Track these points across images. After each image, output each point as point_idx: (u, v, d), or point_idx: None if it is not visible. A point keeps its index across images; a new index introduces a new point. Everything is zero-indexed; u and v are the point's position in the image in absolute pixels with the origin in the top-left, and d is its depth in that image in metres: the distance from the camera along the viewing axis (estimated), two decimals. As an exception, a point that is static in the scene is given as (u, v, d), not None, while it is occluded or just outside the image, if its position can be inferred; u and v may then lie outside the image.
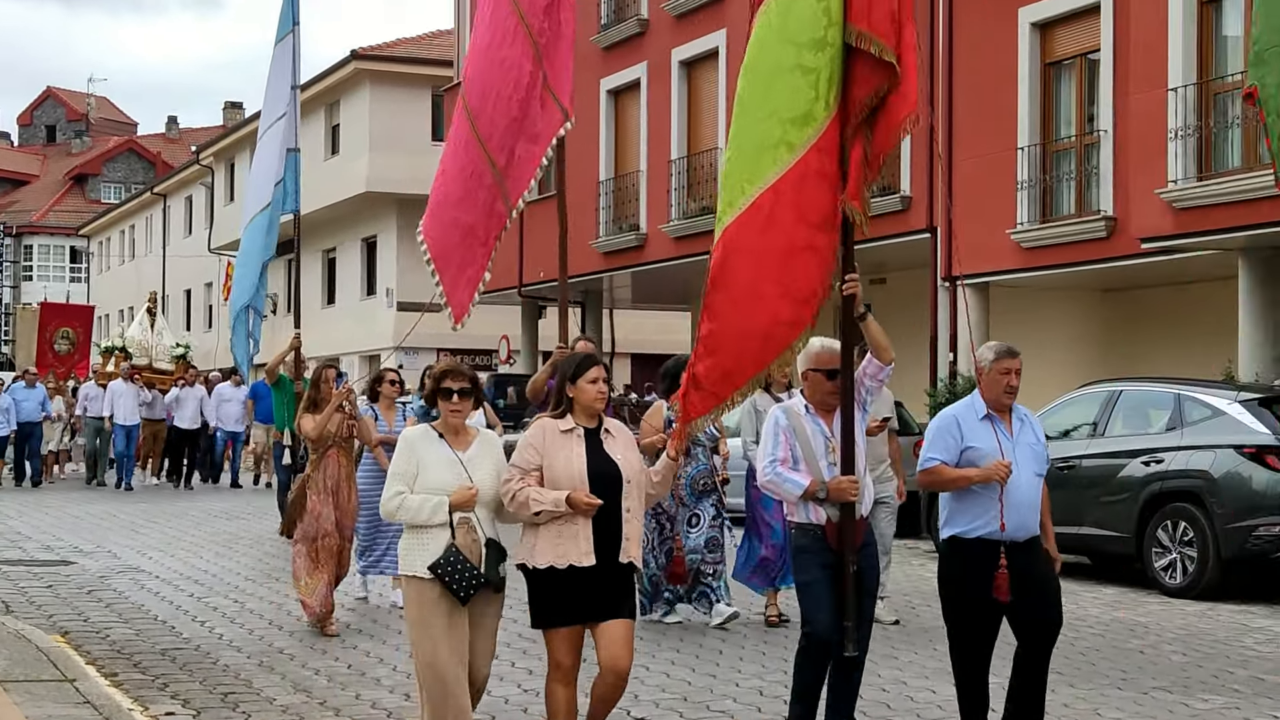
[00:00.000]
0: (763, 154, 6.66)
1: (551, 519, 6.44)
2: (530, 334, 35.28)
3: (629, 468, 6.61)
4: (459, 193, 9.86)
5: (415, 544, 6.60)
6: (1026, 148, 20.79)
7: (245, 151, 50.38)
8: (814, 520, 6.98)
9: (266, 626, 11.02)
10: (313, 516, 10.78)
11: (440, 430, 6.75)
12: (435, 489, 6.58)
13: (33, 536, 17.11)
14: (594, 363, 6.67)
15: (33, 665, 8.66)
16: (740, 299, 6.70)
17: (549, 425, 6.62)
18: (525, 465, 6.55)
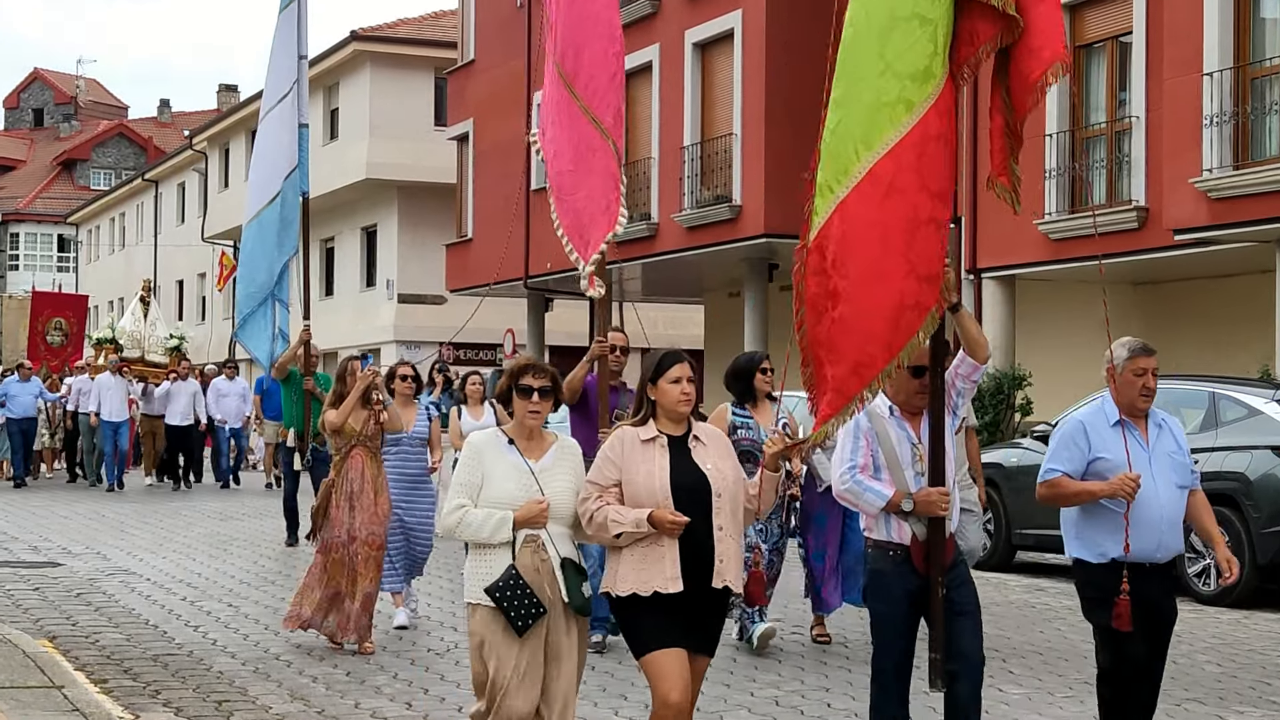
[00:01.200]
0: (878, 114, 6.06)
1: (634, 541, 5.93)
2: (536, 327, 35.29)
3: (720, 479, 6.03)
4: (572, 166, 9.74)
5: (479, 565, 6.11)
6: (1055, 134, 20.76)
7: (240, 136, 50.47)
8: (896, 538, 6.41)
9: (262, 631, 11.03)
10: (330, 524, 10.38)
11: (511, 435, 6.21)
12: (501, 502, 6.06)
13: (19, 537, 17.14)
14: (677, 359, 6.11)
15: (19, 671, 8.67)
16: (866, 279, 6.01)
17: (628, 435, 6.08)
18: (603, 481, 6.03)
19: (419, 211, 40.61)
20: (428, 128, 40.16)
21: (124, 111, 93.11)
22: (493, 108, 34.08)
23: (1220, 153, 17.95)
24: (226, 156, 52.32)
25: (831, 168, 6.18)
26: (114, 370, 26.09)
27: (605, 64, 9.48)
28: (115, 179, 76.85)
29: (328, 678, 9.35)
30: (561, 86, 9.57)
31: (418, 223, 40.62)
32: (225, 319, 52.57)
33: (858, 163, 6.07)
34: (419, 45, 40.75)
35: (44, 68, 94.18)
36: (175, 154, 60.03)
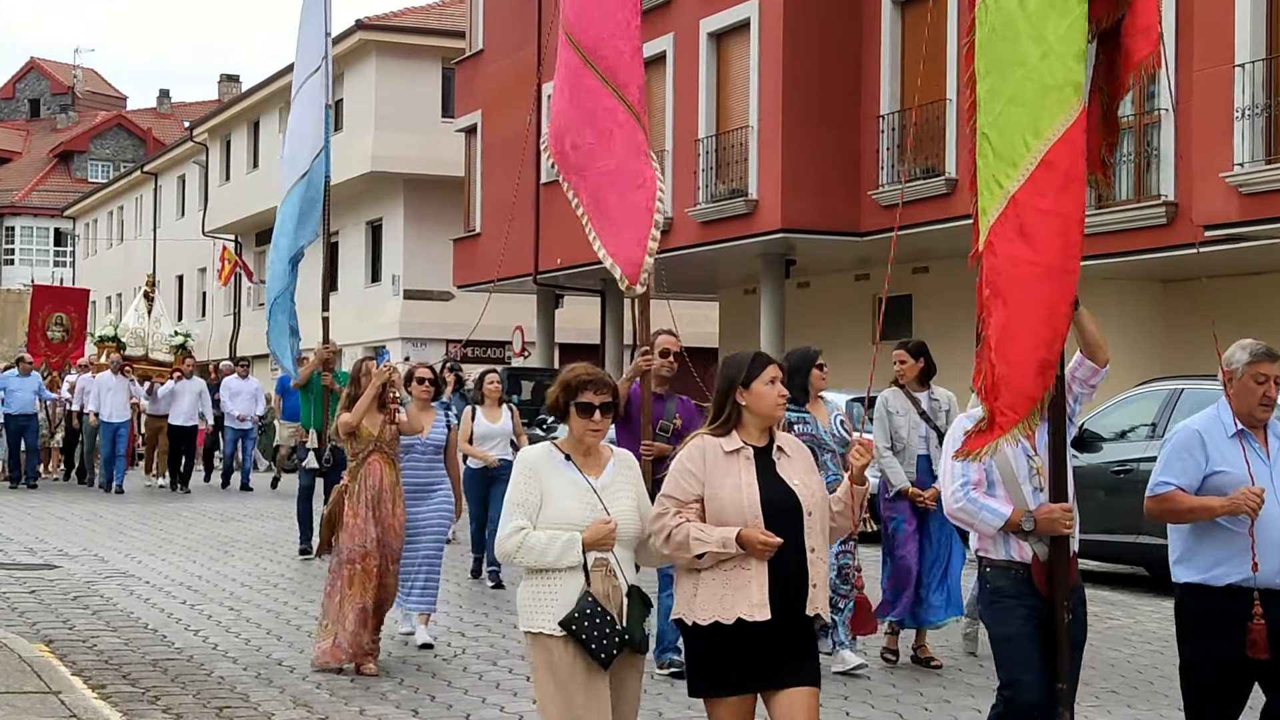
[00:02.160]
0: (1046, 98, 5.75)
1: (717, 563, 5.52)
2: (546, 325, 35.30)
3: (810, 496, 5.65)
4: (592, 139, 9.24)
5: (542, 592, 5.67)
6: (1081, 127, 20.69)
7: (242, 127, 50.56)
8: (1017, 557, 6.06)
9: (264, 636, 11.04)
10: (349, 534, 9.92)
11: (567, 451, 5.80)
12: (563, 523, 5.64)
13: (14, 538, 17.17)
14: (768, 359, 5.73)
15: (14, 676, 8.68)
16: (1046, 275, 5.72)
17: (709, 445, 5.66)
18: (683, 496, 5.60)
19: (426, 205, 40.64)
20: (435, 119, 40.19)
21: (122, 102, 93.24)
22: (502, 99, 34.09)
23: (1252, 146, 17.90)
24: (228, 149, 52.39)
25: (997, 163, 5.86)
26: (115, 370, 25.73)
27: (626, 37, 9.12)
28: (113, 171, 76.94)
29: (331, 684, 9.35)
30: (574, 53, 9.19)
31: (424, 217, 40.65)
32: (226, 315, 52.66)
33: (1028, 153, 5.78)
34: (426, 34, 40.79)
35: (40, 57, 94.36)
36: (175, 146, 60.10)
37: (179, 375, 25.85)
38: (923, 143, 23.91)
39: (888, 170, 24.49)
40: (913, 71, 24.52)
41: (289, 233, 14.30)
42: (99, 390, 25.47)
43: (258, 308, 51.08)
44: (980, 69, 5.89)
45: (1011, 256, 5.75)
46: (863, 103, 25.03)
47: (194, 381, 25.93)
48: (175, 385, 25.66)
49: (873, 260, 27.45)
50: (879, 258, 27.00)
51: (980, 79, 5.90)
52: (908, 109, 24.31)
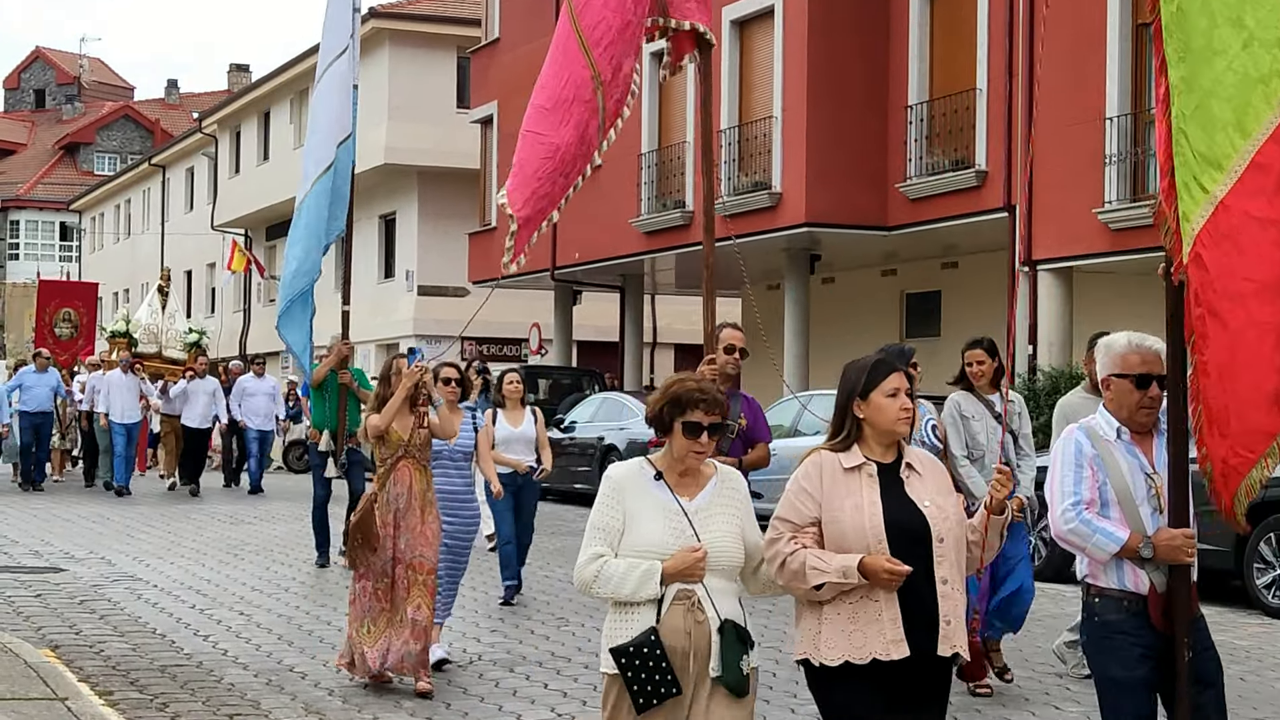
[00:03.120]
0: (1251, 92, 5.27)
1: (840, 595, 5.08)
2: (564, 322, 35.32)
3: (943, 519, 5.17)
4: (550, 105, 8.87)
5: (620, 627, 5.22)
6: (1116, 118, 20.68)
7: (252, 118, 50.66)
8: (1131, 587, 5.57)
9: (275, 641, 11.07)
10: (376, 547, 9.54)
11: (660, 468, 5.30)
12: (647, 550, 5.17)
13: (19, 541, 17.23)
14: (891, 368, 5.28)
15: (20, 682, 8.72)
16: (1267, 291, 5.23)
17: (827, 461, 5.23)
18: (798, 519, 5.17)
19: (440, 199, 40.68)
20: (450, 110, 40.22)
21: (130, 92, 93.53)
22: (519, 88, 34.08)
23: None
24: (237, 140, 52.50)
25: (1199, 163, 5.40)
26: (125, 368, 25.31)
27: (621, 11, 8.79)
28: (120, 164, 77.20)
29: (344, 691, 9.37)
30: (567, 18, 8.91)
31: (439, 210, 40.70)
32: (236, 312, 52.78)
33: (1235, 154, 5.31)
34: (440, 23, 40.82)
35: (46, 46, 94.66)
36: (183, 137, 60.26)
37: (192, 374, 25.46)
38: (952, 133, 23.87)
39: (916, 162, 24.46)
40: (942, 60, 24.49)
41: (312, 226, 14.01)
42: (109, 389, 25.00)
43: (268, 304, 51.16)
44: (1170, 54, 5.45)
45: (1225, 270, 5.29)
46: (890, 92, 25.00)
47: (207, 381, 25.54)
48: (189, 385, 25.31)
49: (900, 255, 27.42)
50: (907, 252, 26.97)
51: (1171, 66, 5.46)
52: (937, 98, 24.28)
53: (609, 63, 8.76)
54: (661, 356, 42.62)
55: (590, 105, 8.82)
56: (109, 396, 24.87)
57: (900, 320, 28.63)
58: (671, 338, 42.99)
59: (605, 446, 24.23)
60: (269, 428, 26.33)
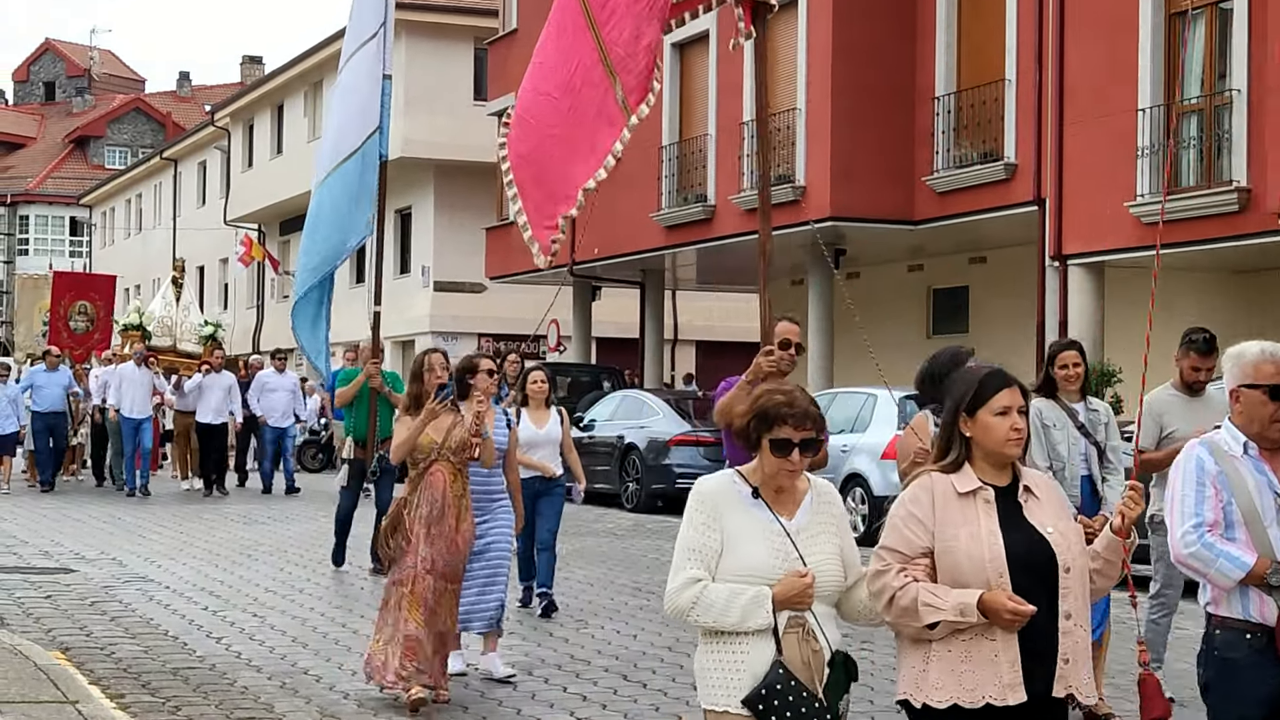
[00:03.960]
0: None
1: (952, 633, 4.67)
2: (583, 318, 35.33)
3: (1066, 548, 4.76)
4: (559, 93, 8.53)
5: (724, 661, 4.85)
6: (1148, 109, 20.61)
7: (265, 111, 50.75)
8: (1257, 618, 5.22)
9: (289, 644, 11.09)
10: (404, 552, 9.19)
11: (755, 483, 4.97)
12: (750, 574, 4.83)
13: (29, 541, 17.29)
14: (1004, 381, 4.84)
15: (30, 685, 8.74)
16: None
17: (938, 484, 4.81)
18: (907, 549, 4.76)
19: (457, 193, 40.72)
20: (467, 102, 40.24)
21: (141, 85, 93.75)
22: (536, 81, 34.09)
23: (1330, 129, 17.79)
24: (250, 134, 52.59)
25: None
26: (138, 361, 24.92)
27: None
28: (131, 157, 77.42)
29: (360, 695, 9.38)
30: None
31: (456, 205, 40.74)
32: (249, 308, 52.89)
33: None
34: (457, 13, 40.84)
35: (55, 38, 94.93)
36: (195, 131, 60.39)
37: (208, 369, 25.17)
38: (980, 125, 23.83)
39: (943, 155, 24.42)
40: (970, 50, 24.45)
41: (326, 217, 13.80)
42: (120, 383, 24.71)
43: (281, 300, 51.25)
44: None
45: None
46: (917, 83, 24.96)
47: (223, 376, 25.19)
48: (204, 379, 24.98)
49: (927, 250, 27.38)
50: (934, 247, 26.93)
51: None
52: (964, 89, 24.24)
53: (621, 36, 8.40)
54: (682, 353, 42.62)
55: (601, 86, 8.46)
56: (120, 390, 24.59)
57: (927, 317, 28.60)
58: (692, 334, 42.99)
59: (625, 445, 24.23)
60: (286, 424, 25.96)
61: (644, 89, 8.51)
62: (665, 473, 23.52)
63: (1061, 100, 21.90)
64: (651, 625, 12.20)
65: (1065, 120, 21.79)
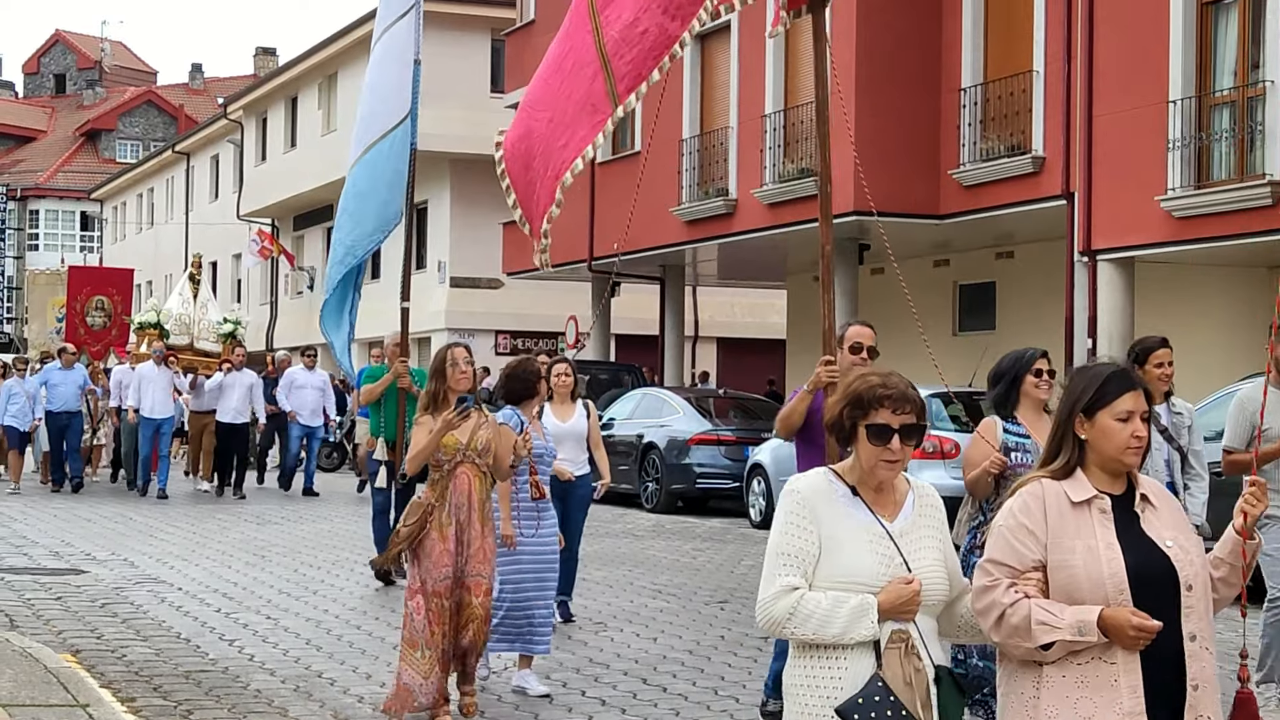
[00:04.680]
0: None
1: (1067, 655, 4.38)
2: (602, 315, 35.32)
3: (1188, 563, 4.48)
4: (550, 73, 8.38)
5: (820, 675, 4.54)
6: (1179, 101, 20.54)
7: (279, 104, 50.83)
8: None
9: (304, 647, 11.10)
10: (433, 561, 8.64)
11: (852, 482, 4.68)
12: (852, 581, 4.53)
13: (39, 541, 17.34)
14: (1128, 383, 4.54)
15: (40, 687, 8.76)
16: None
17: (1050, 492, 4.51)
18: (1017, 562, 4.46)
19: (474, 187, 40.73)
20: (483, 95, 40.28)
21: (153, 77, 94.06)
22: (555, 72, 34.10)
23: (1366, 121, 17.72)
24: (264, 127, 52.68)
25: None
26: (158, 360, 24.67)
27: None
28: (143, 151, 77.65)
29: (375, 698, 9.38)
30: None
31: (472, 200, 40.76)
32: (263, 304, 53.00)
33: None
34: (474, 4, 40.88)
35: (66, 29, 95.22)
36: (208, 124, 60.55)
37: (229, 367, 24.91)
38: (1007, 117, 23.77)
39: (969, 148, 24.37)
40: (997, 40, 24.39)
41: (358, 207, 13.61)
42: (139, 382, 24.38)
43: (295, 296, 51.37)
44: None
45: None
46: (943, 74, 24.91)
47: (244, 374, 24.87)
48: (225, 378, 24.72)
49: (953, 245, 27.33)
50: (960, 242, 26.89)
51: None
52: (991, 81, 24.19)
53: (619, 19, 8.19)
54: (703, 350, 42.62)
55: (591, 69, 8.19)
56: (139, 390, 24.30)
57: (953, 313, 28.56)
58: (714, 331, 43.00)
59: (645, 444, 24.23)
60: (316, 423, 25.74)
61: (636, 79, 8.18)
62: (685, 472, 23.52)
63: (1090, 92, 21.83)
64: (671, 628, 12.20)
65: (1094, 112, 21.72)
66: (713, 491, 23.68)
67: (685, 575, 15.76)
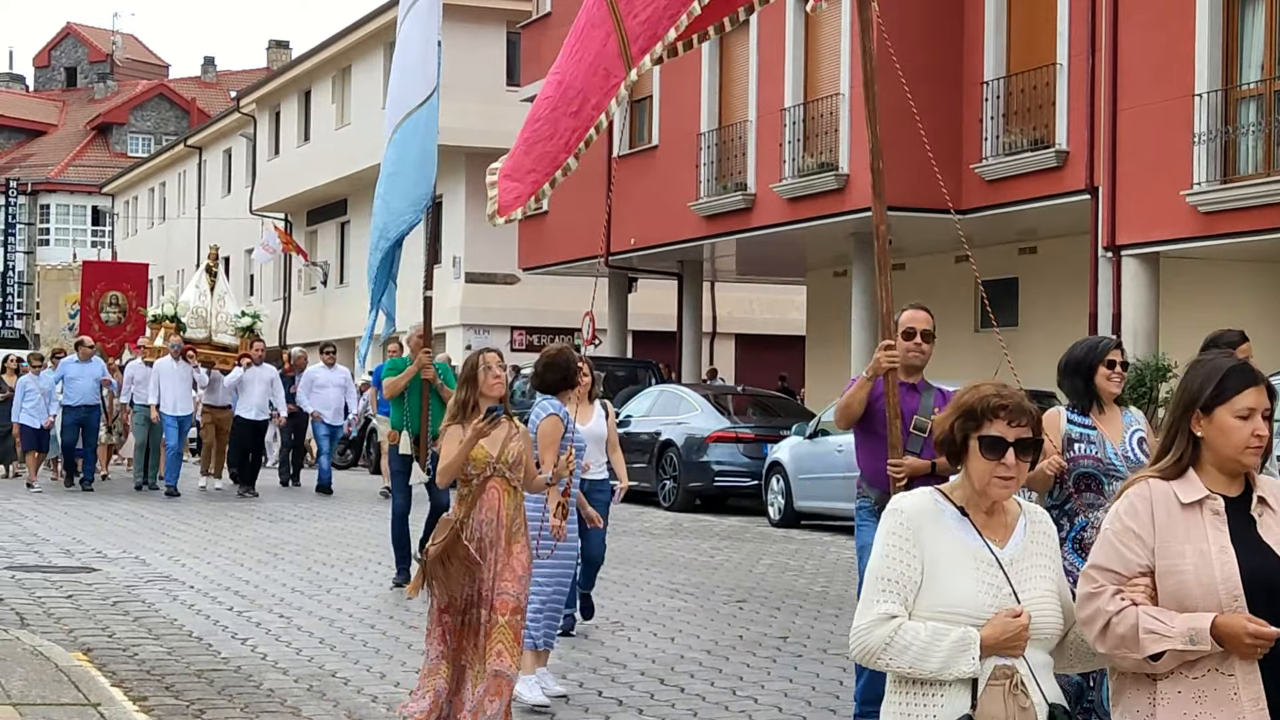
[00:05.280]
0: None
1: (1182, 667, 4.16)
2: (619, 311, 35.34)
3: None
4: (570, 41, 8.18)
5: (915, 709, 4.28)
6: (1205, 94, 20.50)
7: (293, 97, 50.90)
8: None
9: (317, 645, 11.12)
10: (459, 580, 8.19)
11: (961, 503, 4.39)
12: (954, 612, 4.24)
13: (50, 539, 17.38)
14: (1249, 378, 4.31)
15: (51, 687, 8.78)
16: None
17: (1158, 492, 4.30)
18: (1123, 568, 4.26)
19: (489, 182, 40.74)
20: (499, 88, 40.30)
21: (165, 70, 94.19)
22: (571, 65, 34.10)
23: (1395, 114, 17.67)
24: (277, 120, 52.76)
25: None
26: (176, 355, 24.42)
27: None
28: (155, 145, 77.78)
29: (389, 697, 9.40)
30: None
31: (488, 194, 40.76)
32: (276, 300, 53.07)
33: None
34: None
35: (77, 22, 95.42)
36: (220, 117, 60.65)
37: (248, 362, 24.62)
38: (1031, 111, 23.74)
39: (992, 141, 24.34)
40: (1020, 33, 24.35)
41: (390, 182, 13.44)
42: (157, 378, 24.16)
43: (309, 291, 51.45)
44: None
45: None
46: (965, 67, 24.88)
47: (264, 369, 24.68)
48: (245, 373, 24.40)
49: (975, 240, 27.30)
50: (982, 237, 26.85)
51: None
52: (1014, 74, 24.15)
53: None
54: (721, 347, 42.61)
55: (604, 27, 7.92)
56: (159, 386, 24.08)
57: (975, 309, 28.51)
58: (732, 327, 42.98)
59: (662, 442, 24.23)
60: (339, 422, 25.66)
61: (651, 39, 7.85)
62: (703, 470, 23.52)
63: (1115, 85, 21.79)
64: (689, 628, 12.20)
65: (1119, 105, 21.68)
66: (731, 490, 23.68)
67: (703, 574, 15.77)
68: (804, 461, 21.04)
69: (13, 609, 12.19)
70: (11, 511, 20.52)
